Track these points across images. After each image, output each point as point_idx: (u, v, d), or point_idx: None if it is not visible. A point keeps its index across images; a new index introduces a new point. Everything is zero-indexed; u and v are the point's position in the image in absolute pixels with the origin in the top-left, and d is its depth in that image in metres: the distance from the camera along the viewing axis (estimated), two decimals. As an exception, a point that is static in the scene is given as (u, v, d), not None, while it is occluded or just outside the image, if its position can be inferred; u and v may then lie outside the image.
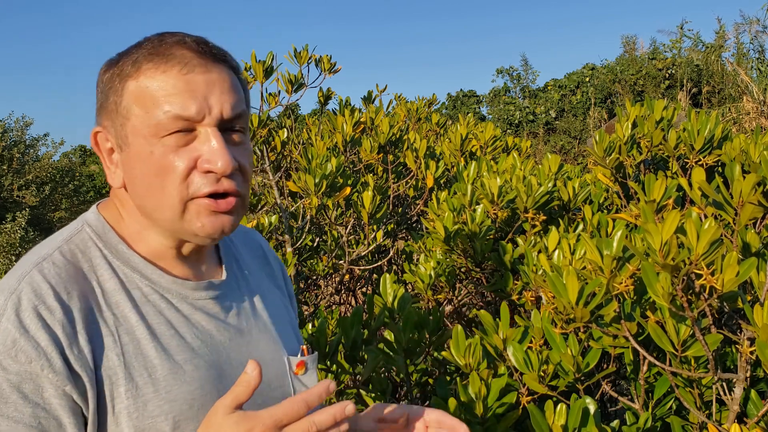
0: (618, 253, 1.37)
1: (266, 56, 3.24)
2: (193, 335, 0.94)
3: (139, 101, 0.88)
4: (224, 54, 0.93)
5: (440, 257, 2.24)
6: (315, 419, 0.78)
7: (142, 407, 0.87)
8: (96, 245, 0.93)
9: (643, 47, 16.20)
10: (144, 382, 0.87)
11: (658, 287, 1.19)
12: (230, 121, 0.91)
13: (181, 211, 0.89)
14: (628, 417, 1.51)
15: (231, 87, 0.91)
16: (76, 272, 0.89)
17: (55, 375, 0.82)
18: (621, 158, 2.14)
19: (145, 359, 0.89)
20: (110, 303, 0.90)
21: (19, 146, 12.73)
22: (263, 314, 1.06)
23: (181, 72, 0.88)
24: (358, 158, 3.63)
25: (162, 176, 0.88)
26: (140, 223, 0.95)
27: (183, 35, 0.91)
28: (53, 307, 0.84)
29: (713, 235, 1.11)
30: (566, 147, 15.07)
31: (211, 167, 0.88)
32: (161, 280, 0.94)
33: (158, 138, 0.88)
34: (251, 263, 1.12)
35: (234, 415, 0.78)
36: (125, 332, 0.89)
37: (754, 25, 12.01)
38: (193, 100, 0.87)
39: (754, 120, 9.09)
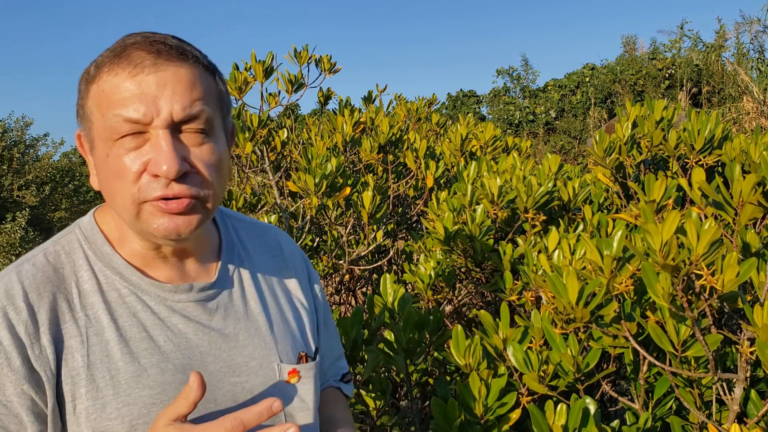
0: (618, 253, 1.37)
1: (266, 56, 3.25)
2: (166, 338, 0.93)
3: (97, 105, 0.87)
4: (184, 51, 0.89)
5: (440, 257, 2.24)
6: (242, 416, 0.79)
7: (100, 409, 0.87)
8: (81, 247, 0.95)
9: (643, 47, 16.19)
10: (105, 384, 0.88)
11: (658, 287, 1.19)
12: (184, 122, 0.87)
13: (135, 212, 0.88)
14: (628, 417, 1.51)
15: (187, 86, 0.87)
16: (54, 274, 0.91)
17: (13, 374, 0.84)
18: (621, 158, 2.14)
19: (110, 361, 0.89)
20: (85, 304, 0.91)
21: (19, 146, 12.73)
22: (258, 318, 1.03)
23: (130, 74, 0.85)
24: (358, 158, 3.63)
25: (117, 179, 0.87)
26: (123, 226, 0.95)
27: (143, 35, 0.89)
28: (20, 308, 0.86)
29: (713, 235, 1.11)
30: (566, 147, 15.06)
31: (158, 171, 0.85)
32: (140, 282, 0.94)
33: (112, 141, 0.86)
34: (260, 264, 1.10)
35: (171, 428, 0.80)
36: (95, 333, 0.90)
37: (754, 25, 12.01)
38: (141, 103, 0.85)
39: (754, 120, 9.09)
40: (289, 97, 3.43)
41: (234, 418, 0.79)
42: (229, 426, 0.78)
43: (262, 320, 1.03)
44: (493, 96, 18.82)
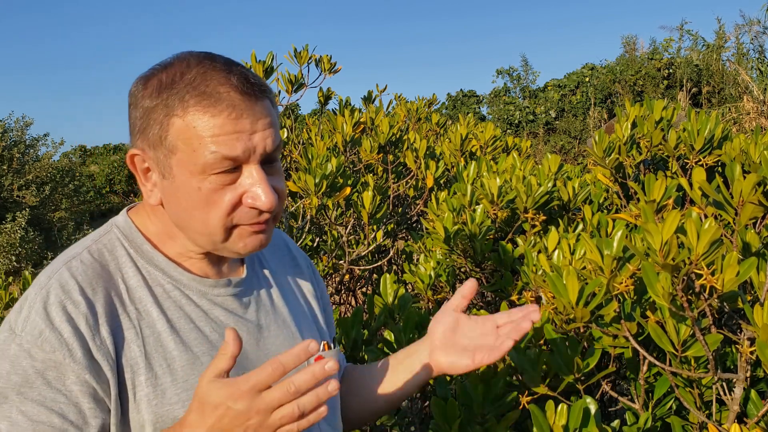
0: (618, 253, 1.37)
1: (266, 56, 3.25)
2: (211, 329, 1.00)
3: (186, 139, 0.93)
4: (264, 89, 0.97)
5: (440, 257, 2.24)
6: (294, 379, 0.80)
7: (161, 395, 0.93)
8: (122, 245, 1.00)
9: (643, 47, 16.19)
10: (163, 371, 0.94)
11: (658, 287, 1.19)
12: (272, 154, 0.96)
13: (224, 237, 0.97)
14: (628, 417, 1.51)
15: (271, 122, 0.96)
16: (102, 270, 0.97)
17: (75, 364, 0.89)
18: (621, 158, 2.14)
19: (165, 351, 0.95)
20: (134, 298, 0.97)
21: (19, 146, 12.72)
22: (283, 311, 1.12)
23: (229, 117, 0.92)
24: (358, 158, 3.63)
25: (207, 209, 0.94)
26: (171, 228, 1.02)
27: (225, 69, 0.94)
28: (78, 302, 0.91)
29: (713, 235, 1.11)
30: (566, 147, 15.06)
31: (256, 204, 0.94)
32: (182, 278, 1.01)
33: (205, 175, 0.93)
34: (273, 262, 1.18)
35: (215, 383, 0.82)
36: (147, 326, 0.96)
37: (754, 25, 12.01)
38: (240, 142, 0.92)
39: (754, 120, 9.09)
40: (289, 97, 3.43)
41: (273, 361, 0.81)
42: (269, 369, 0.80)
43: (286, 313, 1.12)
44: (493, 96, 18.82)
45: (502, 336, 1.08)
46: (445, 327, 1.15)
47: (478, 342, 1.11)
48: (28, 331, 0.89)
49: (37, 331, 0.89)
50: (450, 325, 1.14)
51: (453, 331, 1.14)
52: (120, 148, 21.69)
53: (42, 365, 0.88)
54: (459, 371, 1.12)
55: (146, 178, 1.00)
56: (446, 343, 1.14)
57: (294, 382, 0.80)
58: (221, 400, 0.81)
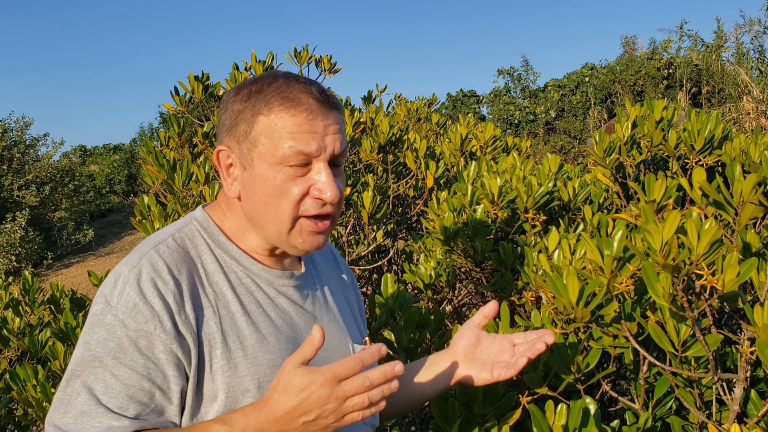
0: (618, 253, 1.37)
1: (266, 56, 3.25)
2: (276, 314, 1.13)
3: (268, 135, 1.07)
4: (337, 102, 1.12)
5: (440, 257, 2.24)
6: (369, 374, 0.92)
7: (234, 368, 1.05)
8: (201, 235, 1.13)
9: (643, 47, 16.19)
10: (236, 347, 1.06)
11: (658, 287, 1.19)
12: (338, 157, 1.10)
13: (290, 227, 1.09)
14: (628, 417, 1.51)
15: (340, 129, 1.10)
16: (185, 255, 1.09)
17: (165, 334, 1.00)
18: (621, 158, 2.14)
19: (238, 329, 1.07)
20: (211, 282, 1.09)
21: (19, 146, 12.72)
22: (333, 306, 1.25)
23: (306, 118, 1.07)
24: (358, 158, 3.62)
25: (280, 197, 1.07)
26: (245, 226, 1.14)
27: (307, 83, 1.10)
28: (167, 280, 1.03)
29: (714, 235, 1.11)
30: (566, 147, 15.06)
31: (322, 195, 1.08)
32: (253, 268, 1.14)
33: (281, 166, 1.06)
34: (322, 264, 1.32)
35: (300, 369, 0.92)
36: (222, 306, 1.08)
37: (755, 25, 12.01)
38: (314, 140, 1.06)
39: (754, 120, 9.09)
40: (289, 97, 3.42)
41: (354, 357, 0.92)
42: (351, 363, 0.91)
43: (335, 308, 1.25)
44: (493, 96, 18.82)
45: (518, 354, 1.20)
46: (468, 341, 1.26)
47: (496, 358, 1.23)
48: (123, 303, 1.01)
49: (132, 304, 1.00)
50: (472, 340, 1.26)
51: (474, 346, 1.26)
52: (120, 148, 21.68)
53: (135, 334, 1.00)
54: (478, 383, 1.24)
55: (228, 173, 1.12)
56: (468, 357, 1.26)
57: (369, 377, 0.91)
58: (306, 384, 0.91)
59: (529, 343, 1.20)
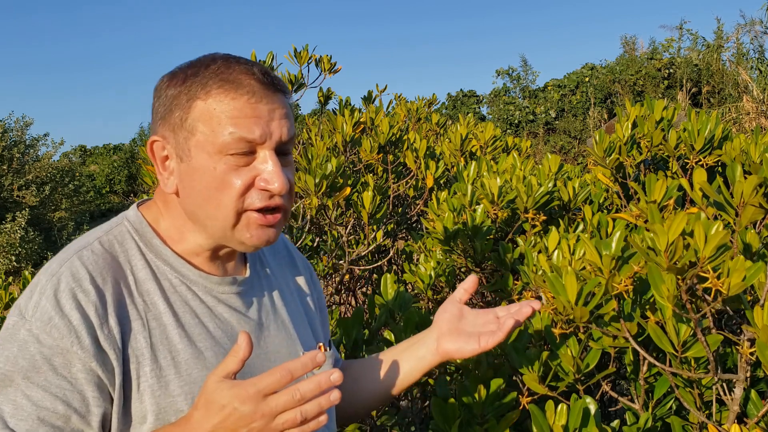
0: (617, 253, 1.37)
1: (266, 56, 3.25)
2: (215, 325, 1.03)
3: (206, 121, 0.97)
4: (283, 85, 1.02)
5: (440, 257, 2.24)
6: (300, 387, 0.83)
7: (164, 387, 0.95)
8: (132, 238, 1.03)
9: (643, 47, 16.19)
10: (167, 364, 0.96)
11: (663, 289, 1.19)
12: (285, 144, 1.01)
13: (234, 222, 0.99)
14: (628, 417, 1.51)
15: (287, 114, 1.01)
16: (112, 260, 0.99)
17: (83, 351, 0.90)
18: (621, 158, 2.14)
19: (170, 343, 0.97)
20: (141, 291, 0.99)
21: (19, 146, 12.73)
22: (282, 312, 1.14)
23: (249, 101, 0.97)
24: (358, 158, 3.63)
25: (221, 190, 0.97)
26: (184, 225, 1.04)
27: (247, 63, 1.00)
28: (88, 290, 0.93)
29: (722, 239, 1.11)
30: (566, 147, 15.06)
31: (268, 186, 0.98)
32: (189, 274, 1.03)
33: (222, 155, 0.97)
34: (273, 264, 1.21)
35: (223, 383, 0.84)
36: (153, 318, 0.98)
37: (756, 25, 12.01)
38: (258, 126, 0.97)
39: (754, 120, 9.09)
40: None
41: (282, 368, 0.83)
42: (277, 376, 0.83)
43: (285, 314, 1.15)
44: (493, 96, 18.81)
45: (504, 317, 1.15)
46: (451, 315, 1.20)
47: (482, 329, 1.17)
48: (38, 317, 0.91)
49: (47, 317, 0.91)
50: (455, 314, 1.20)
51: (458, 319, 1.19)
52: (120, 148, 21.67)
53: (49, 351, 0.90)
54: (466, 355, 1.17)
55: (164, 166, 1.02)
56: (452, 330, 1.19)
57: (300, 389, 0.82)
58: (228, 400, 0.83)
59: (515, 310, 1.16)
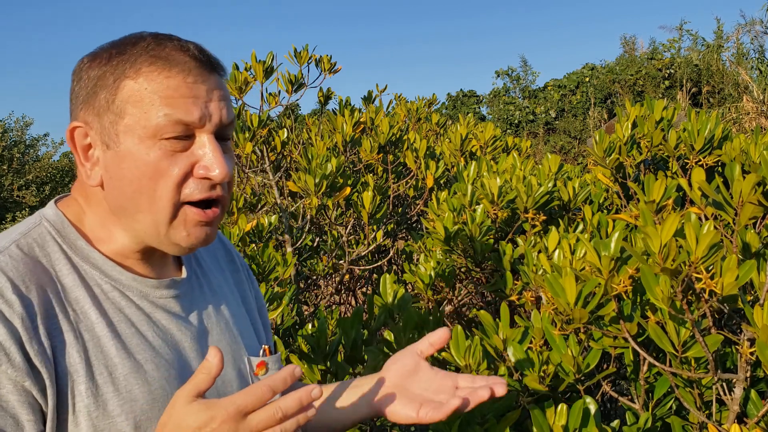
0: (616, 254, 1.37)
1: (266, 56, 3.25)
2: (154, 334, 0.92)
3: (137, 101, 0.86)
4: (221, 65, 0.93)
5: (440, 257, 2.24)
6: (281, 404, 0.77)
7: (102, 407, 0.84)
8: (54, 240, 0.90)
9: (643, 47, 16.20)
10: (104, 381, 0.85)
11: (657, 290, 1.19)
12: (226, 128, 0.91)
13: (170, 216, 0.88)
14: (628, 417, 1.51)
15: (225, 95, 0.92)
16: (34, 265, 0.86)
17: (14, 370, 0.79)
18: (621, 158, 2.14)
19: (106, 357, 0.86)
20: (70, 299, 0.87)
21: (19, 146, 12.73)
22: (224, 313, 1.05)
23: (185, 79, 0.87)
24: (358, 158, 3.63)
25: (155, 179, 0.86)
26: (109, 221, 0.92)
27: (180, 40, 0.90)
28: (12, 300, 0.81)
29: (712, 238, 1.11)
30: (566, 147, 15.07)
31: (208, 174, 0.87)
32: (121, 277, 0.92)
33: (155, 140, 0.86)
34: (210, 261, 1.10)
35: (195, 404, 0.77)
36: (85, 329, 0.86)
37: (756, 25, 12.01)
38: (196, 107, 0.87)
39: (754, 120, 9.09)
40: (289, 97, 3.43)
41: (263, 386, 0.77)
42: (258, 393, 0.76)
43: (227, 315, 1.05)
44: (493, 96, 18.82)
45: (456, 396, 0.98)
46: (402, 368, 1.05)
47: (430, 396, 1.01)
48: None
49: None
50: (408, 367, 1.05)
51: (409, 375, 1.04)
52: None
53: None
54: (398, 420, 1.01)
55: (86, 156, 0.90)
56: (397, 386, 1.03)
57: (281, 407, 0.76)
58: (204, 422, 0.76)
59: (475, 388, 0.98)
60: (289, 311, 2.38)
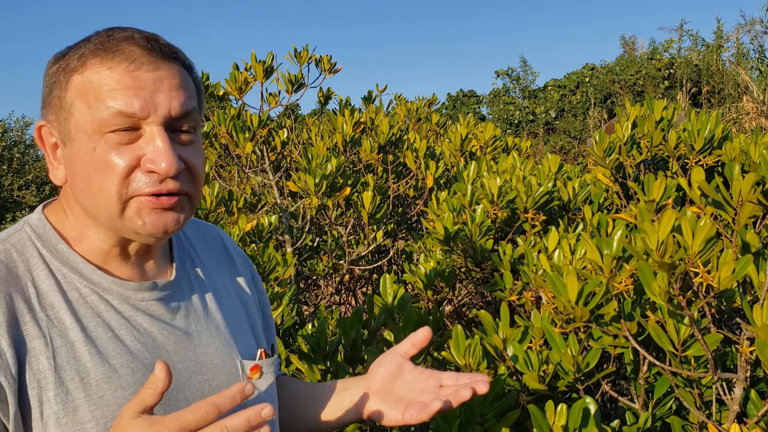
0: (618, 253, 1.37)
1: (266, 56, 3.25)
2: (132, 338, 0.90)
3: (83, 96, 0.85)
4: (175, 51, 0.90)
5: (440, 257, 2.24)
6: (227, 423, 0.74)
7: (71, 412, 0.83)
8: (34, 245, 0.90)
9: (643, 47, 16.20)
10: (75, 386, 0.84)
11: (654, 286, 1.19)
12: (178, 120, 0.88)
13: (120, 210, 0.87)
14: (628, 417, 1.51)
15: (180, 85, 0.88)
16: (7, 272, 0.86)
17: None
18: (621, 158, 2.14)
19: (78, 363, 0.85)
20: (44, 304, 0.86)
21: (19, 146, 12.73)
22: (216, 316, 1.03)
23: (127, 69, 0.85)
24: (358, 158, 3.63)
25: (101, 173, 0.85)
26: (83, 222, 0.92)
27: (133, 31, 0.89)
28: None
29: (708, 232, 1.11)
30: (566, 147, 15.07)
31: (155, 168, 0.85)
32: (101, 281, 0.91)
33: (100, 134, 0.85)
34: (208, 261, 1.09)
35: (139, 420, 0.75)
36: (58, 335, 0.85)
37: (756, 25, 12.01)
38: (138, 98, 0.85)
39: (754, 120, 9.09)
40: (289, 97, 3.43)
41: (208, 403, 0.74)
42: (203, 411, 0.73)
43: (220, 318, 1.03)
44: (493, 96, 18.82)
45: (441, 397, 0.98)
46: (387, 371, 1.05)
47: (415, 396, 1.01)
48: None
49: None
50: (393, 370, 1.05)
51: (393, 378, 1.04)
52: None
53: None
54: (385, 423, 1.02)
55: (54, 155, 0.91)
56: (383, 389, 1.04)
57: (227, 426, 0.74)
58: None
59: (458, 387, 0.98)
60: (289, 311, 2.38)
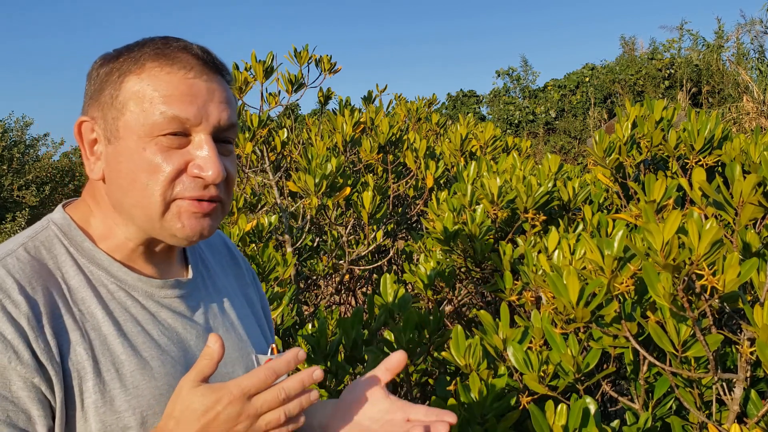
0: (619, 253, 1.37)
1: (266, 56, 3.25)
2: (159, 332, 0.95)
3: (137, 98, 0.89)
4: (224, 67, 0.95)
5: (440, 257, 2.24)
6: (284, 386, 0.80)
7: (109, 402, 0.87)
8: (61, 242, 0.93)
9: (643, 47, 16.20)
10: (111, 377, 0.88)
11: (659, 287, 1.19)
12: (224, 131, 0.92)
13: (162, 210, 0.90)
14: (628, 417, 1.51)
15: (228, 98, 0.93)
16: (40, 268, 0.89)
17: (23, 367, 0.82)
18: (621, 158, 2.14)
19: (113, 355, 0.89)
20: (76, 299, 0.90)
21: (19, 146, 12.73)
22: (230, 313, 1.07)
23: (185, 76, 0.89)
24: (358, 158, 3.63)
25: (149, 174, 0.89)
26: (112, 220, 0.95)
27: (187, 42, 0.93)
28: (18, 301, 0.84)
29: (715, 235, 1.11)
30: (566, 147, 15.07)
31: (202, 174, 0.89)
32: (127, 278, 0.95)
33: (152, 137, 0.88)
34: (214, 262, 1.13)
35: (200, 388, 0.80)
36: (92, 328, 0.89)
37: (756, 25, 12.01)
38: (193, 105, 0.89)
39: (754, 120, 9.09)
40: (289, 97, 3.43)
41: (266, 368, 0.80)
42: (262, 375, 0.79)
43: (233, 315, 1.08)
44: (493, 96, 18.82)
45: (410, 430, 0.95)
46: (356, 401, 1.03)
47: (382, 427, 0.99)
48: None
49: None
50: (361, 399, 1.03)
51: (361, 408, 1.02)
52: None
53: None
54: None
55: (92, 150, 0.94)
56: (346, 416, 1.03)
57: (285, 388, 0.80)
58: (210, 404, 0.79)
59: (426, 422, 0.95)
60: (289, 311, 2.38)
